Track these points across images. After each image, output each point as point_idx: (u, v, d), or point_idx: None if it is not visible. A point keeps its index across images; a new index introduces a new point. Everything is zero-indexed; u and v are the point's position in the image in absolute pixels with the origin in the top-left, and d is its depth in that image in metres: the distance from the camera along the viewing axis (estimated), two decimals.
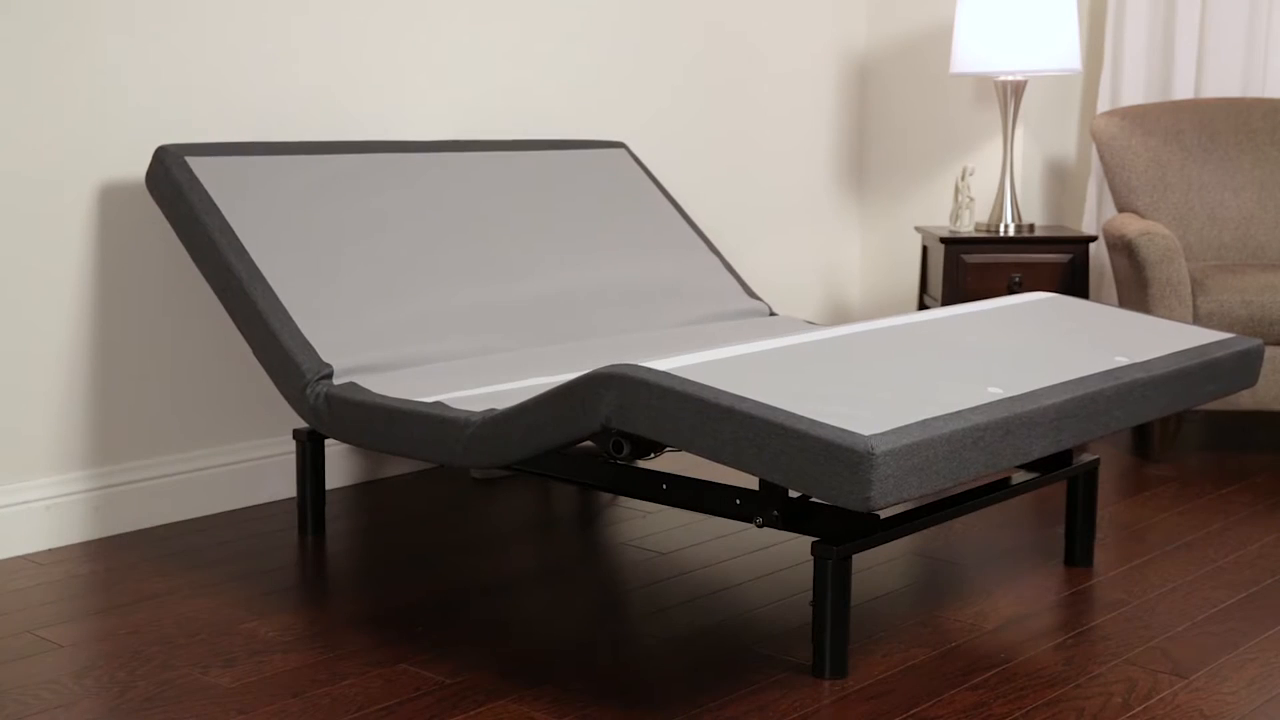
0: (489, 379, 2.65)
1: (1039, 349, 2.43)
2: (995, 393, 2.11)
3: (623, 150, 3.62)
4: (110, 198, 2.86)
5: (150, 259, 2.93)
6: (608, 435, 2.21)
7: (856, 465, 1.83)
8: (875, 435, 1.85)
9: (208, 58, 2.98)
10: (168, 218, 2.78)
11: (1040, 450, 2.11)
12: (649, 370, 2.03)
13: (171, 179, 2.77)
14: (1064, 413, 2.15)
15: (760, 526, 2.26)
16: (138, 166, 2.90)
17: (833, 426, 1.87)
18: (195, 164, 2.81)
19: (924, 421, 1.93)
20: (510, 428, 2.24)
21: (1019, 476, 2.52)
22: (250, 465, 3.12)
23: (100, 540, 2.86)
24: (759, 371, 2.12)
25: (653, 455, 2.24)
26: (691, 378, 2.02)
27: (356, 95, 3.25)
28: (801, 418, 1.89)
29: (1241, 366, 2.62)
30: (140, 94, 2.88)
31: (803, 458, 1.87)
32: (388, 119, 3.32)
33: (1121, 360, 2.40)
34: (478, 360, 2.80)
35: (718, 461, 1.97)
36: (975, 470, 1.99)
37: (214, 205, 2.75)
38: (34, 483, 2.80)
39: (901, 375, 2.17)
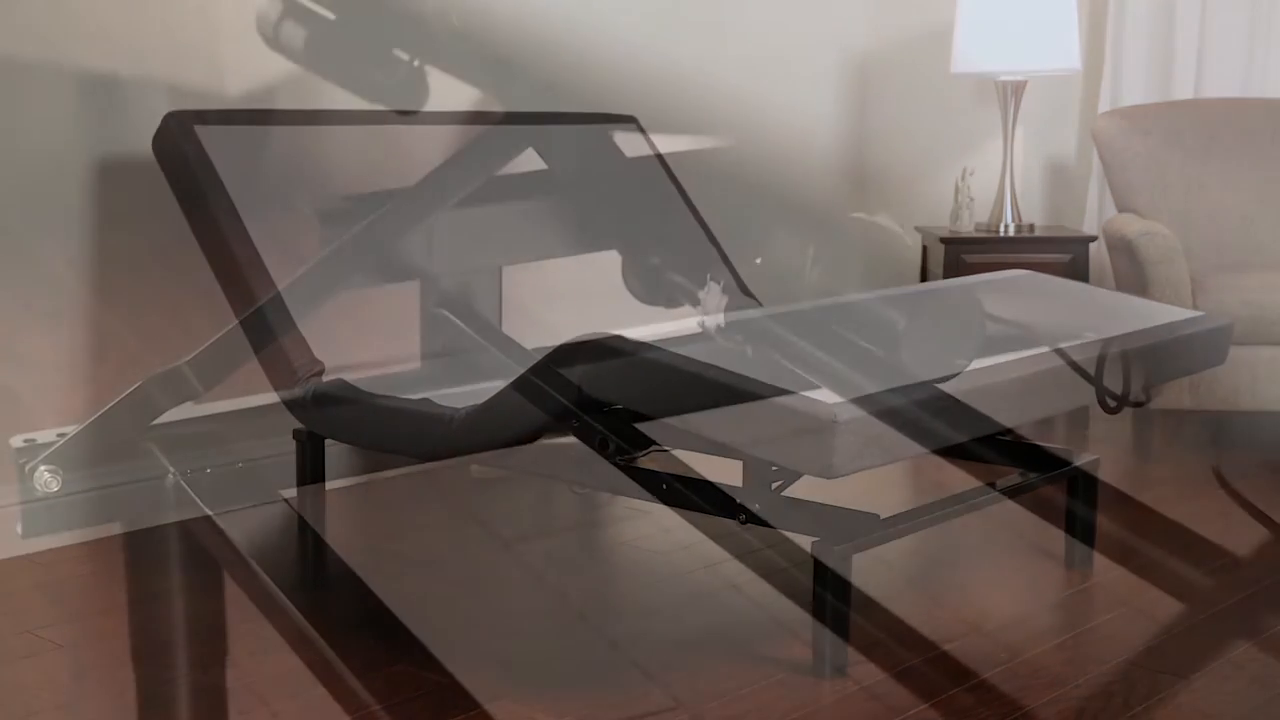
0: (479, 376, 2.64)
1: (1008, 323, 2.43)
2: (961, 365, 2.11)
3: (633, 125, 3.60)
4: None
5: (152, 248, 2.92)
6: (592, 432, 2.20)
7: (819, 433, 1.84)
8: (838, 404, 1.86)
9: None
10: (172, 189, 2.73)
11: (1006, 422, 2.12)
12: (618, 338, 2.03)
13: (178, 149, 2.69)
14: (1029, 386, 2.15)
15: (743, 523, 2.25)
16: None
17: (797, 394, 1.88)
18: (204, 133, 2.73)
19: (888, 391, 1.94)
20: (492, 416, 2.23)
21: (1019, 477, 2.52)
22: (250, 465, 3.11)
23: (100, 540, 2.85)
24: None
25: (641, 454, 2.23)
26: (662, 345, 2.03)
27: None
28: (766, 385, 1.90)
29: (1211, 345, 2.61)
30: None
31: (767, 425, 1.88)
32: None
33: (1089, 336, 2.40)
34: (469, 357, 2.79)
35: (686, 429, 1.97)
36: (939, 441, 2.00)
37: (219, 182, 2.69)
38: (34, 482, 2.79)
39: (869, 346, 2.18)
